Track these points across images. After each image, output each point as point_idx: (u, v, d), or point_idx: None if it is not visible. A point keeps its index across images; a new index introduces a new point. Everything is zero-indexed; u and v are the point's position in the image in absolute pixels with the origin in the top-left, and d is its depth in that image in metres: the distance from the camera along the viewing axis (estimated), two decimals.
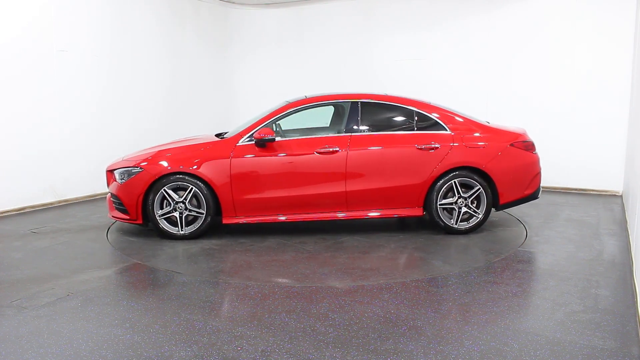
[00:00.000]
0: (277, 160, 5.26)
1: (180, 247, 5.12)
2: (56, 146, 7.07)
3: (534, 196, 5.57)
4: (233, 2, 9.98)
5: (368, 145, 5.32)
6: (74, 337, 3.10)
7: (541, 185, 5.71)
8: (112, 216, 5.57)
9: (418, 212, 5.38)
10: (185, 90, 9.21)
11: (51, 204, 7.05)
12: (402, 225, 5.90)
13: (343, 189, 5.28)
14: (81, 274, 4.29)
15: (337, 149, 5.26)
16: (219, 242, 5.26)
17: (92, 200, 7.45)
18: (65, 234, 5.56)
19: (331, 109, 5.93)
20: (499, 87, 8.24)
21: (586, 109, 7.70)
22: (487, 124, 5.60)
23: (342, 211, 5.37)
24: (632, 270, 4.19)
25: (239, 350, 2.93)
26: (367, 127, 5.43)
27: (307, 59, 9.78)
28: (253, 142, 5.27)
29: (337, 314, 3.43)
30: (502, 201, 5.41)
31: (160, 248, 5.08)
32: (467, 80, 8.42)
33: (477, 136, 5.40)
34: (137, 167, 5.31)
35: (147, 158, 5.37)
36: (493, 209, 5.56)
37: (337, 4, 9.40)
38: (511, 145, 5.39)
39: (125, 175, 5.34)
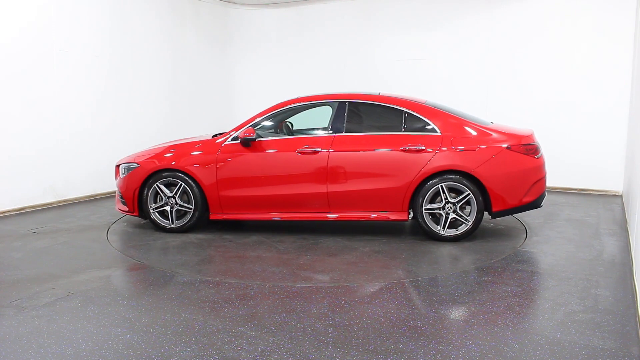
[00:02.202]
0: (260, 159, 5.38)
1: (165, 239, 5.38)
2: (56, 146, 7.07)
3: (534, 204, 5.16)
4: (233, 2, 9.97)
5: (351, 146, 5.22)
6: (74, 337, 3.10)
7: (545, 192, 5.29)
8: (118, 209, 5.89)
9: (403, 216, 5.18)
10: (186, 90, 9.21)
11: (51, 204, 7.05)
12: (392, 229, 5.80)
13: (324, 190, 5.24)
14: (81, 274, 4.29)
15: (319, 149, 5.23)
16: (203, 237, 5.47)
17: (92, 200, 7.45)
18: (65, 234, 5.56)
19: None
20: (500, 87, 8.24)
21: (586, 109, 7.69)
22: (488, 125, 5.31)
23: (324, 212, 5.33)
24: (632, 270, 4.19)
25: (239, 350, 2.93)
26: (353, 128, 5.33)
27: (307, 58, 9.77)
28: (238, 142, 5.42)
29: (337, 314, 3.43)
30: (495, 208, 5.05)
31: (146, 240, 5.37)
32: (468, 80, 8.42)
33: (469, 138, 5.07)
34: (134, 163, 5.67)
35: (144, 155, 5.75)
36: (489, 217, 5.25)
37: (337, 4, 9.40)
38: (507, 148, 5.01)
39: (125, 170, 5.72)
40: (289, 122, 5.89)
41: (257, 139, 5.38)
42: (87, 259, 4.70)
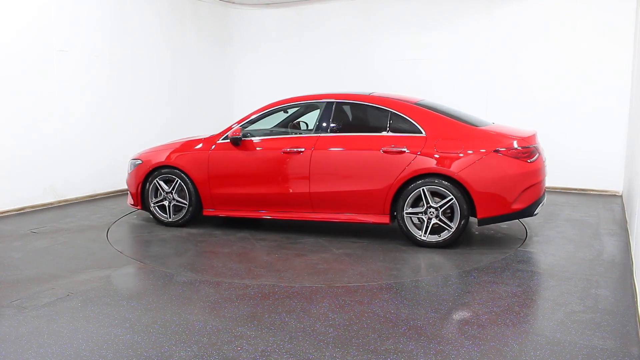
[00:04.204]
0: (248, 158, 5.49)
1: (158, 233, 5.67)
2: (56, 146, 7.06)
3: (526, 213, 4.84)
4: (233, 2, 9.97)
5: (333, 147, 5.16)
6: (74, 337, 3.10)
7: (542, 199, 4.96)
8: (128, 203, 6.17)
9: (384, 219, 5.02)
10: (186, 90, 9.21)
11: (51, 204, 7.05)
12: (379, 232, 5.51)
13: (307, 190, 5.23)
14: (81, 274, 4.29)
15: (302, 149, 5.22)
16: (194, 231, 5.70)
17: (92, 200, 7.45)
18: (65, 234, 5.56)
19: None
20: (500, 87, 8.24)
21: (586, 109, 7.69)
22: (483, 126, 5.05)
23: (307, 212, 5.31)
24: (632, 270, 4.19)
25: (239, 350, 2.93)
26: (338, 128, 5.29)
27: (307, 58, 9.77)
28: (228, 141, 5.55)
29: (337, 314, 3.43)
30: (480, 215, 4.74)
31: (140, 233, 5.74)
32: (468, 80, 8.42)
33: (455, 140, 4.81)
34: (139, 159, 6.03)
35: (149, 151, 6.10)
36: (477, 224, 4.95)
37: (337, 4, 9.40)
38: (495, 151, 4.71)
39: (132, 166, 6.09)
40: (303, 122, 5.93)
41: (245, 139, 5.50)
42: (87, 259, 4.70)
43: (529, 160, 4.76)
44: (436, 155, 4.81)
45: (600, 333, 3.11)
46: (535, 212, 4.91)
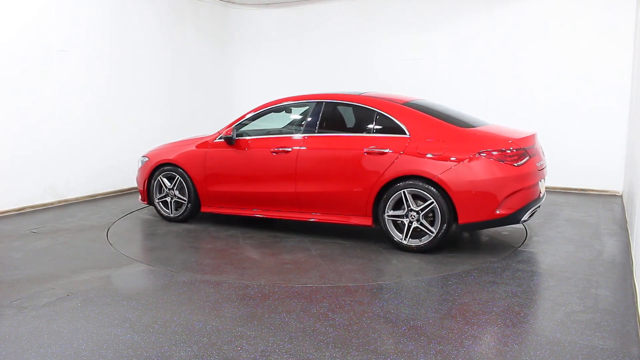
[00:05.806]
0: (239, 157, 5.61)
1: (156, 228, 5.88)
2: (56, 146, 7.06)
3: (512, 219, 4.60)
4: (233, 2, 9.97)
5: (319, 147, 5.15)
6: (74, 337, 3.11)
7: (532, 205, 4.73)
8: (139, 199, 6.41)
9: (367, 221, 4.95)
10: (186, 90, 9.21)
11: (51, 204, 7.04)
12: (369, 234, 5.43)
13: (293, 190, 5.25)
14: (81, 274, 4.29)
15: (289, 149, 5.25)
16: (190, 227, 5.87)
17: (92, 200, 7.45)
18: (65, 234, 5.56)
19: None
20: (500, 87, 8.23)
21: (587, 109, 7.69)
22: (478, 127, 4.91)
23: (294, 212, 5.34)
24: (632, 270, 4.19)
25: (239, 350, 2.93)
26: (325, 128, 5.27)
27: (307, 58, 9.77)
28: (223, 141, 5.69)
29: (337, 314, 3.43)
30: (462, 220, 4.54)
31: (140, 227, 6.00)
32: (468, 80, 8.41)
33: (439, 142, 4.64)
34: (146, 157, 6.29)
35: (156, 149, 6.33)
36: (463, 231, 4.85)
37: (337, 4, 9.40)
38: (479, 154, 4.52)
39: (140, 162, 6.36)
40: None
41: (238, 138, 5.62)
42: (87, 259, 4.70)
43: (515, 164, 4.53)
44: (418, 157, 4.67)
45: (600, 333, 3.11)
46: (523, 219, 4.72)
